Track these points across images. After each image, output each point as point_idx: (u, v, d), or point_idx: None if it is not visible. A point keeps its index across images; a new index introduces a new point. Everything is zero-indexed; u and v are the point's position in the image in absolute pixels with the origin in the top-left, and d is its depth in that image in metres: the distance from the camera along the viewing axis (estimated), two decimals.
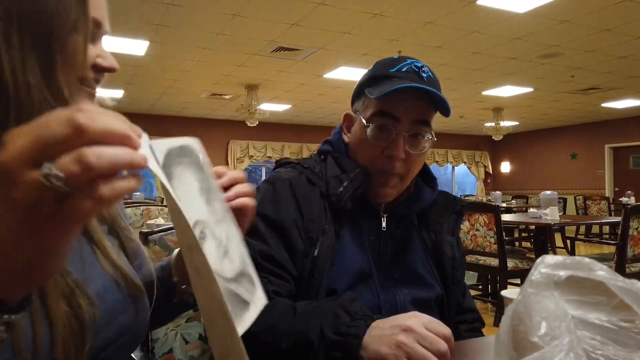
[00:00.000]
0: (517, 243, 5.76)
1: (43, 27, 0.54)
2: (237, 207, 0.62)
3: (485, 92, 8.05)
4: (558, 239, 7.60)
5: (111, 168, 0.33)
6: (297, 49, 5.71)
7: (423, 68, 1.03)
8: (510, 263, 3.72)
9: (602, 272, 0.48)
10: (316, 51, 5.78)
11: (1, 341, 0.40)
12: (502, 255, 3.64)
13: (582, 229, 8.33)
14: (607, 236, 8.00)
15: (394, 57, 1.06)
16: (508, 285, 3.80)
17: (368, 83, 1.05)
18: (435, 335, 0.74)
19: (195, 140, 0.53)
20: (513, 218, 5.02)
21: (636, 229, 3.50)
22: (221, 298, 0.47)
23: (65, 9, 0.55)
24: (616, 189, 11.02)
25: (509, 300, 0.62)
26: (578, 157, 11.72)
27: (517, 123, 11.13)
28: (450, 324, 1.07)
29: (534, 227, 4.43)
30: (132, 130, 0.36)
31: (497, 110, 9.69)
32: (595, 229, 8.28)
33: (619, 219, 3.59)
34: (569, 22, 4.84)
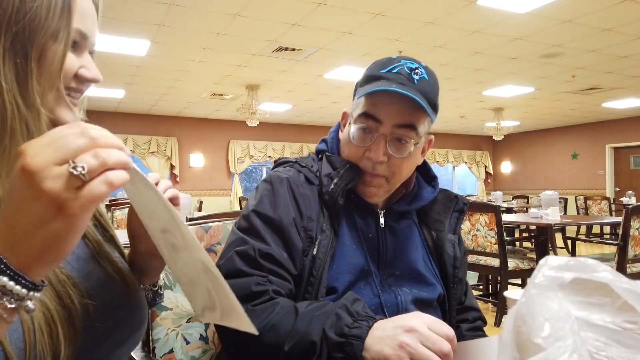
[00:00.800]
0: (517, 243, 5.76)
1: (22, 33, 0.56)
2: (170, 197, 0.72)
3: (486, 92, 8.04)
4: (559, 239, 7.60)
5: (117, 163, 0.46)
6: (298, 49, 5.70)
7: (417, 70, 1.00)
8: (511, 263, 3.72)
9: (606, 273, 0.47)
10: (317, 51, 5.78)
11: (27, 311, 0.46)
12: (502, 256, 3.64)
13: (582, 229, 8.33)
14: (607, 236, 7.99)
15: (392, 57, 1.04)
16: (509, 286, 3.80)
17: (361, 82, 1.05)
18: (438, 336, 0.74)
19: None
20: (514, 218, 5.02)
21: (637, 229, 3.50)
22: (205, 258, 0.55)
23: (47, 18, 0.57)
24: (617, 189, 11.01)
25: (512, 301, 0.62)
26: (579, 157, 11.71)
27: (518, 123, 11.12)
28: (451, 323, 1.07)
29: (534, 227, 4.43)
30: (123, 145, 0.49)
31: (498, 110, 9.68)
32: (596, 229, 8.28)
33: (619, 219, 3.59)
34: (570, 22, 4.83)
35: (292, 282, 0.96)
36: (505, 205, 7.60)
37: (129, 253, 0.78)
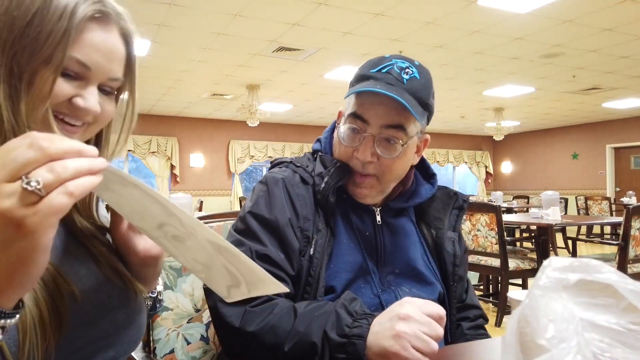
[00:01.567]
0: (518, 243, 5.75)
1: (21, 55, 0.58)
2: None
3: (486, 92, 8.04)
4: (559, 239, 7.59)
5: (76, 174, 0.43)
6: (298, 49, 5.70)
7: (408, 69, 0.99)
8: (512, 263, 3.72)
9: (611, 274, 0.47)
10: (317, 51, 5.77)
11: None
12: (503, 256, 3.63)
13: (583, 229, 8.33)
14: (608, 236, 7.98)
15: (384, 56, 1.03)
16: (509, 286, 3.80)
17: (352, 81, 1.05)
18: (434, 321, 0.75)
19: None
20: (514, 218, 5.02)
21: (638, 229, 3.49)
22: (211, 236, 0.54)
23: (44, 44, 0.58)
24: (617, 189, 11.00)
25: (516, 302, 0.62)
26: (579, 157, 11.70)
27: (518, 123, 11.11)
28: (452, 321, 1.07)
29: (535, 227, 4.43)
30: (86, 147, 0.46)
31: (499, 110, 9.67)
32: (596, 229, 8.27)
33: (620, 219, 3.58)
34: (571, 22, 4.83)
35: (290, 282, 0.95)
36: (505, 205, 7.59)
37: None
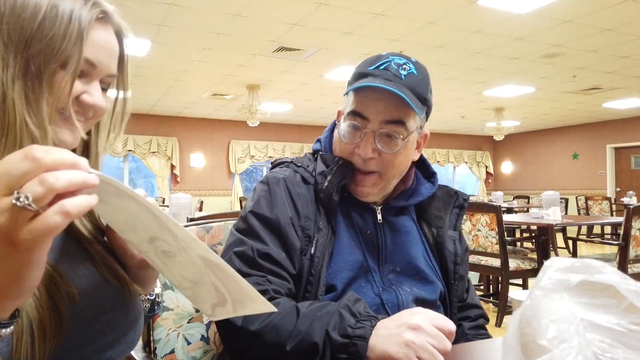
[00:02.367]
0: (518, 243, 5.75)
1: (37, 57, 0.59)
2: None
3: (486, 92, 8.03)
4: (560, 239, 7.59)
5: (69, 186, 0.41)
6: (299, 49, 5.70)
7: (405, 65, 1.00)
8: (512, 263, 3.71)
9: (612, 275, 0.47)
10: (317, 51, 5.77)
11: None
12: (503, 256, 3.63)
13: (583, 229, 8.33)
14: (608, 236, 7.98)
15: (381, 54, 1.04)
16: (510, 286, 3.80)
17: (351, 80, 1.06)
18: (442, 334, 0.74)
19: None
20: (515, 218, 5.02)
21: (638, 229, 3.49)
22: (204, 252, 0.52)
23: (61, 47, 0.59)
24: (618, 189, 11.00)
25: (518, 303, 0.62)
26: (580, 157, 11.70)
27: (518, 123, 11.11)
28: (453, 320, 1.07)
29: (535, 227, 4.43)
30: (81, 160, 0.44)
31: (499, 110, 9.67)
32: (596, 229, 8.27)
33: (621, 219, 3.58)
34: (571, 22, 4.83)
35: (291, 281, 0.96)
36: (506, 205, 7.59)
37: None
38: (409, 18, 4.73)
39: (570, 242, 6.63)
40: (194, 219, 1.33)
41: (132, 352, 0.77)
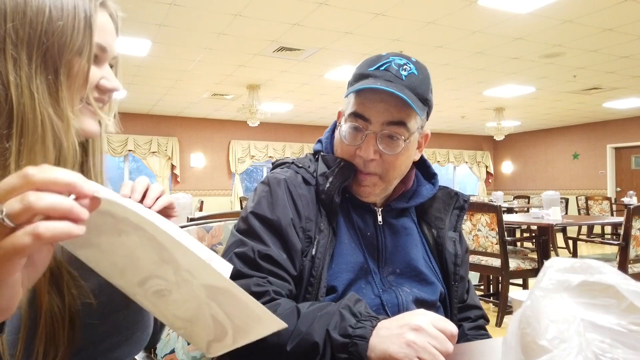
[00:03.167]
0: (519, 243, 5.75)
1: (52, 50, 0.60)
2: (162, 207, 0.73)
3: (487, 92, 8.03)
4: (560, 239, 7.59)
5: (49, 209, 0.38)
6: (299, 49, 5.70)
7: (405, 65, 1.00)
8: (512, 263, 3.71)
9: (613, 275, 0.47)
10: (318, 51, 5.77)
11: None
12: (504, 256, 3.63)
13: (583, 229, 8.32)
14: (609, 236, 7.98)
15: (381, 55, 1.04)
16: (510, 286, 3.80)
17: (351, 81, 1.05)
18: (444, 335, 0.74)
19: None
20: (515, 218, 5.02)
21: (638, 229, 3.49)
22: (209, 277, 0.48)
23: (72, 36, 0.61)
24: (618, 189, 11.00)
25: (518, 303, 0.62)
26: (580, 157, 11.70)
27: (518, 123, 11.10)
28: (453, 321, 1.06)
29: (536, 227, 4.43)
30: (82, 182, 0.41)
31: (499, 110, 9.67)
32: (597, 229, 8.27)
33: (621, 219, 3.58)
34: (571, 22, 4.83)
35: (292, 282, 0.96)
36: (506, 205, 7.59)
37: None
38: (409, 18, 4.73)
39: (570, 242, 6.63)
40: (194, 219, 1.33)
41: None
